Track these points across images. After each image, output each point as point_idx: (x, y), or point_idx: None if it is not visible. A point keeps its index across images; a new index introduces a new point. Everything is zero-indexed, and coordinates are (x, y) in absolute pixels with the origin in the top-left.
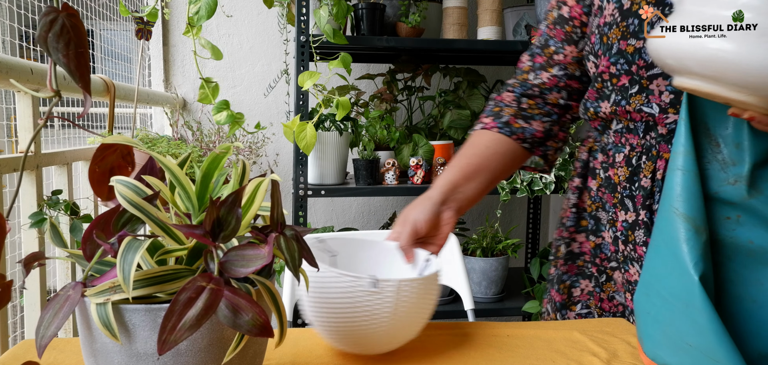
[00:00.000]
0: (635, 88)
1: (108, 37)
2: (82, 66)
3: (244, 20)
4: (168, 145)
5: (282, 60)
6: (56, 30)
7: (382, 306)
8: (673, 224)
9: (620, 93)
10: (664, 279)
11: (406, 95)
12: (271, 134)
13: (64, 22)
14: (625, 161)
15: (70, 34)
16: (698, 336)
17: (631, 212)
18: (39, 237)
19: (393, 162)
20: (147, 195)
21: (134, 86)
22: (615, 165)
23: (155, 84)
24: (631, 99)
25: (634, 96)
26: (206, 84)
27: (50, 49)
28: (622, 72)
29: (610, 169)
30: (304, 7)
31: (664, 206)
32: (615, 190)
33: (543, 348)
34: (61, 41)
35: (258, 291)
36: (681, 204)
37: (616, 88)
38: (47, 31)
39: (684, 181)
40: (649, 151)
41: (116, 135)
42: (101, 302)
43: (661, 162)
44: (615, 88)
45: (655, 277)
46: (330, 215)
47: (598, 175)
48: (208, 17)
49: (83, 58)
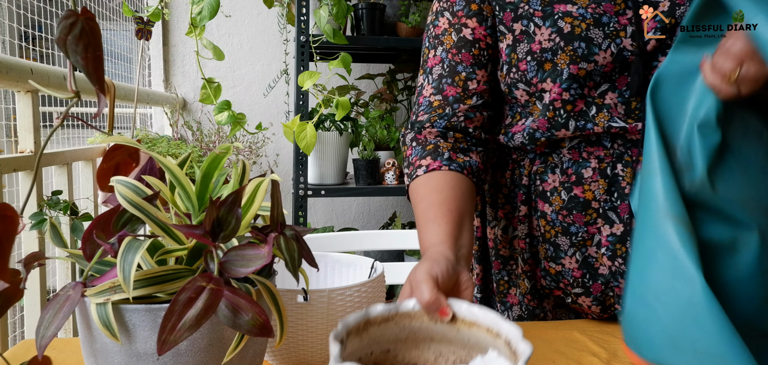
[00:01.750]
0: (593, 109)
1: (108, 37)
2: (98, 68)
3: (244, 20)
4: (168, 145)
5: (282, 60)
6: (76, 33)
7: (317, 318)
8: (664, 227)
9: (581, 117)
10: (664, 284)
11: (406, 95)
12: (271, 134)
13: (83, 25)
14: (599, 174)
15: (88, 37)
16: (707, 340)
17: (618, 224)
18: (39, 238)
19: (393, 162)
20: (147, 195)
21: (134, 86)
22: (583, 182)
23: (155, 84)
24: (596, 119)
25: (597, 116)
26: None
27: (69, 51)
28: (577, 97)
29: (575, 187)
30: (304, 7)
31: (648, 211)
32: (587, 208)
33: (543, 348)
34: (80, 44)
35: (258, 291)
36: (669, 206)
37: (573, 114)
38: (67, 34)
39: (664, 182)
40: (621, 158)
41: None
42: (101, 302)
43: (640, 165)
44: (572, 114)
45: (651, 283)
46: (330, 215)
47: (556, 196)
48: (211, 17)
49: (100, 60)
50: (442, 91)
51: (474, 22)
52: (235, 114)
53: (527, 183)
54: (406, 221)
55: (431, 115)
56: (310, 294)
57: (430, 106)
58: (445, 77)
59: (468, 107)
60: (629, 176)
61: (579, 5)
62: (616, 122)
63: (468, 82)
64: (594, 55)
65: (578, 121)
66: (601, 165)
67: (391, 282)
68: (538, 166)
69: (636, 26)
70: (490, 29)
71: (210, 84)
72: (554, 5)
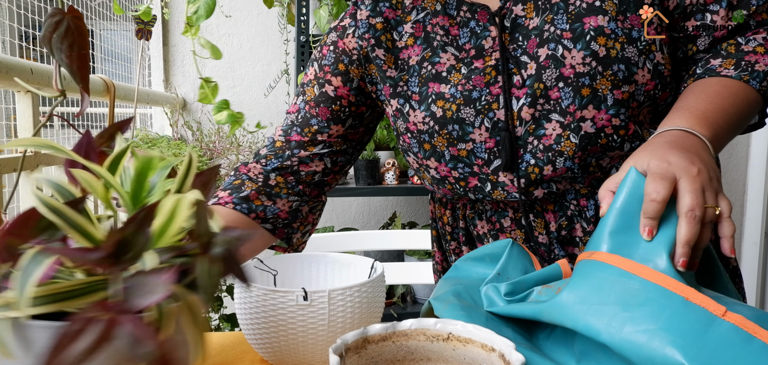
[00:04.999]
0: (488, 186)
1: (108, 37)
2: (83, 67)
3: (244, 20)
4: (168, 145)
5: (282, 60)
6: (61, 31)
7: (317, 318)
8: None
9: (477, 192)
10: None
11: None
12: (270, 134)
13: (69, 23)
14: (516, 224)
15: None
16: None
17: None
18: None
19: (393, 162)
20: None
21: (134, 86)
22: (504, 230)
23: (155, 84)
24: (493, 195)
25: (494, 192)
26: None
27: (54, 49)
28: (467, 174)
29: (500, 234)
30: (304, 7)
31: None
32: None
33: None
34: (65, 42)
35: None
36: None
37: (469, 189)
38: (52, 32)
39: None
40: (532, 208)
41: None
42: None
43: (550, 215)
44: (468, 188)
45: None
46: (330, 215)
47: (487, 240)
48: (207, 17)
49: (85, 59)
50: (288, 136)
51: (338, 81)
52: (233, 113)
53: (465, 226)
54: (406, 221)
55: (268, 154)
56: (310, 295)
57: (273, 146)
58: (296, 126)
59: (309, 154)
60: (541, 226)
61: (451, 83)
62: (512, 197)
63: (317, 135)
64: (469, 134)
65: (476, 194)
66: (517, 215)
67: (391, 282)
68: (469, 212)
69: (504, 94)
70: (355, 91)
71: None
72: (430, 84)
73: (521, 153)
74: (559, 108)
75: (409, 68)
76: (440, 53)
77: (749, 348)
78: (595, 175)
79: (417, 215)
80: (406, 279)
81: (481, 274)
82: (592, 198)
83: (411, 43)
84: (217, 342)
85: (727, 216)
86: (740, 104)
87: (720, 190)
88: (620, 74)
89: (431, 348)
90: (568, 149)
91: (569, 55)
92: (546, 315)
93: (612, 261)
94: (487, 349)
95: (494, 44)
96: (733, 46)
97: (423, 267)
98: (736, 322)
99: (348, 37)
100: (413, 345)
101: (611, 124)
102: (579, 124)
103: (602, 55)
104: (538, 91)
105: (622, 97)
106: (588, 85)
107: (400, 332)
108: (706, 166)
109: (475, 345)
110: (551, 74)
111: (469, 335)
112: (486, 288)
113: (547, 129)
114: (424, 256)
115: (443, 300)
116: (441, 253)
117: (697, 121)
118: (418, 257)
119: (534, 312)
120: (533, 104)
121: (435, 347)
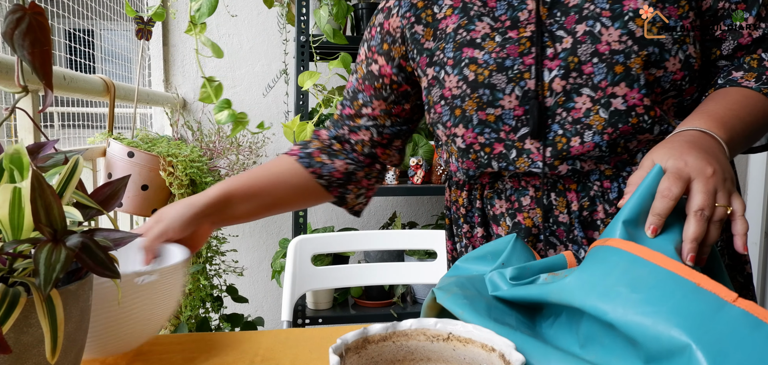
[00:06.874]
0: (513, 153)
1: (108, 37)
2: (46, 63)
3: (244, 20)
4: (168, 145)
5: (282, 60)
6: (23, 28)
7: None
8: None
9: (502, 159)
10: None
11: None
12: (270, 134)
13: (31, 20)
14: (536, 202)
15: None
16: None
17: (560, 246)
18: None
19: None
20: None
21: (134, 86)
22: (523, 209)
23: (155, 84)
24: (517, 163)
25: (518, 160)
26: (209, 83)
27: (16, 46)
28: (493, 140)
29: (518, 214)
30: (304, 7)
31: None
32: (529, 234)
33: None
34: (27, 39)
35: (31, 299)
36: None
37: (493, 156)
38: (13, 29)
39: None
40: (554, 187)
41: (118, 135)
42: None
43: (572, 194)
44: (492, 156)
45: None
46: (330, 215)
47: (504, 221)
48: (210, 14)
49: (47, 55)
50: (342, 109)
51: (382, 60)
52: (235, 113)
53: (481, 207)
54: (406, 221)
55: (330, 124)
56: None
57: (333, 118)
58: (347, 99)
59: (356, 125)
60: (562, 205)
61: (486, 50)
62: (536, 167)
63: (363, 108)
64: (499, 100)
65: (500, 162)
66: (538, 193)
67: (391, 282)
68: (488, 191)
69: (536, 65)
70: (396, 69)
71: (210, 82)
72: (464, 49)
73: (549, 123)
74: (591, 83)
75: (446, 36)
76: (476, 22)
77: (758, 333)
78: (622, 156)
79: (417, 215)
80: (406, 279)
81: (482, 272)
82: (616, 181)
83: (449, 13)
84: (218, 342)
85: (740, 215)
86: (758, 115)
87: (734, 191)
88: (653, 57)
89: (431, 348)
90: (597, 123)
91: (606, 32)
92: (554, 295)
93: (625, 247)
94: (487, 349)
95: (530, 17)
96: (755, 60)
97: (423, 267)
98: (746, 308)
99: (393, 17)
100: (413, 345)
101: (643, 103)
102: (609, 100)
103: (638, 35)
104: (572, 64)
105: (648, 79)
106: (622, 63)
107: (400, 332)
108: (722, 167)
109: (475, 345)
110: (587, 49)
111: (469, 335)
112: (491, 274)
113: (577, 102)
114: (424, 256)
115: (446, 290)
116: (451, 243)
117: (716, 124)
118: (418, 257)
119: (540, 294)
120: (566, 76)
121: (435, 347)
